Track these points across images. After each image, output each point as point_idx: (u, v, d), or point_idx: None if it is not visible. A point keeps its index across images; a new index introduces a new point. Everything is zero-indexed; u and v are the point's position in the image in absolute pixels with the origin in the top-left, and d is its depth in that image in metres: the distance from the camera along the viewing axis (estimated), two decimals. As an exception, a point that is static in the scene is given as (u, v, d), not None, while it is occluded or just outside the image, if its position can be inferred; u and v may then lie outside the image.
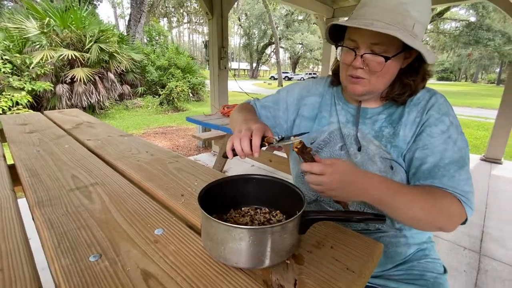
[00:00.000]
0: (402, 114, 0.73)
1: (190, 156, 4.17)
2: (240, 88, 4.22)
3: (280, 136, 0.63)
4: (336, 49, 0.74)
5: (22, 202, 0.76)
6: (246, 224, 0.63)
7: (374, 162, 0.73)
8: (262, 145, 0.63)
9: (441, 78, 49.75)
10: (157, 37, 11.96)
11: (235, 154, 0.63)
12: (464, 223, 0.64)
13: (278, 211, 0.68)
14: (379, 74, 0.67)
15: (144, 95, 9.02)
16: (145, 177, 0.92)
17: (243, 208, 0.70)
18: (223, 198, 0.65)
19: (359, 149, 0.75)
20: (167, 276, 0.48)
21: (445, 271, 0.79)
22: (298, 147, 0.57)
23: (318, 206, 0.83)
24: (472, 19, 24.13)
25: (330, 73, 0.86)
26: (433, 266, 0.78)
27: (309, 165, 0.58)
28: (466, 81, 49.28)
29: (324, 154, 0.81)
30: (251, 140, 0.60)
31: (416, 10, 0.63)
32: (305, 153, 0.58)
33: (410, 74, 0.70)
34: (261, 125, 0.64)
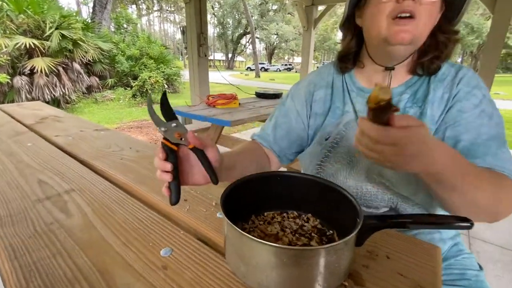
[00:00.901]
0: (428, 92, 0.64)
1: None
2: (224, 78, 4.04)
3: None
4: None
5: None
6: (276, 234, 0.50)
7: None
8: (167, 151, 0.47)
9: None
10: (126, 25, 11.20)
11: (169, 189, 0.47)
12: None
13: (309, 215, 0.57)
14: (428, 13, 0.56)
15: (115, 87, 8.44)
16: (134, 179, 0.76)
17: (265, 214, 0.57)
18: (242, 203, 0.52)
19: None
20: (191, 320, 0.35)
21: (480, 267, 0.72)
22: (382, 103, 0.35)
23: None
24: (437, 10, 25.26)
25: (322, 61, 0.74)
26: (470, 262, 0.70)
27: (377, 131, 0.40)
28: (431, 70, 52.02)
29: (340, 149, 0.70)
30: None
31: None
32: (385, 113, 0.38)
33: (444, 31, 0.62)
34: None
